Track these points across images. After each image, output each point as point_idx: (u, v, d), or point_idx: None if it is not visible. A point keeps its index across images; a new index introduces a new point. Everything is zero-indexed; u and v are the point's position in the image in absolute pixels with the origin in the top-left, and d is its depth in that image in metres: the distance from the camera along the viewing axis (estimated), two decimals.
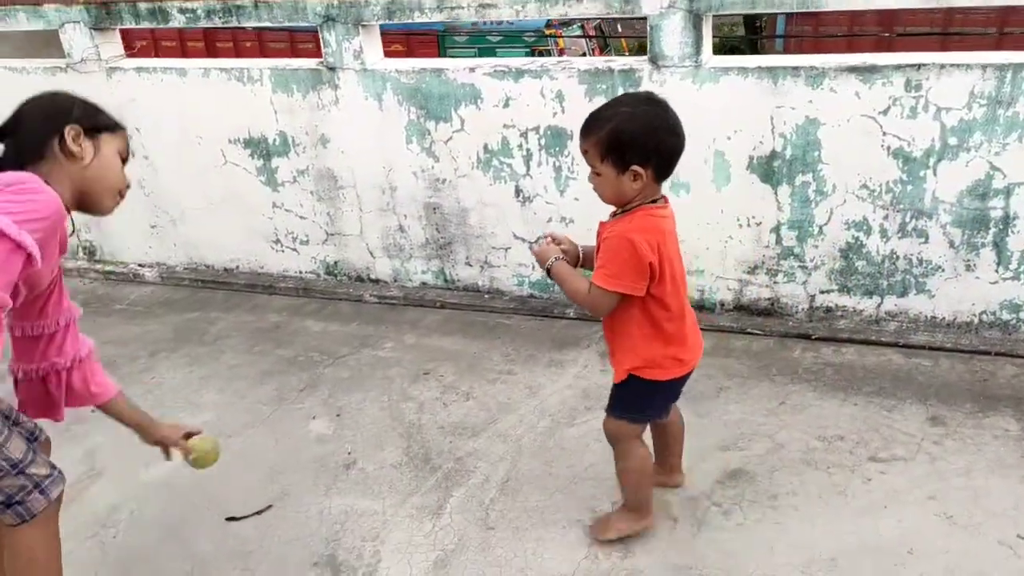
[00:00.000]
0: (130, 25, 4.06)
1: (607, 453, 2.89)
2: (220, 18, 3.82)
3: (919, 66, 2.98)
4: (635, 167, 2.08)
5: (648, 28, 3.25)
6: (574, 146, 3.52)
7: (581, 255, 2.38)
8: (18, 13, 4.25)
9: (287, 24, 3.72)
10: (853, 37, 9.46)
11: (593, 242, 2.32)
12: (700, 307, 3.64)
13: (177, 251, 4.59)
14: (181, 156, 4.26)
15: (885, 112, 3.07)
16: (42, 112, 2.00)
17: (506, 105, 3.55)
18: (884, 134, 3.10)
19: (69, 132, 1.97)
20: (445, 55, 11.57)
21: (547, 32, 12.08)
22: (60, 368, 2.23)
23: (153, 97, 4.15)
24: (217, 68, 3.99)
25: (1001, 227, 3.10)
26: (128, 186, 2.04)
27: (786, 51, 11.39)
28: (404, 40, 11.14)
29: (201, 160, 4.23)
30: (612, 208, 2.26)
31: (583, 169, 3.53)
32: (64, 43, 4.22)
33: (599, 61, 3.43)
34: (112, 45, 4.20)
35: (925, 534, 2.44)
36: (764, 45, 13.65)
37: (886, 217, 3.22)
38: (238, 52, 11.02)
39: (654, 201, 2.18)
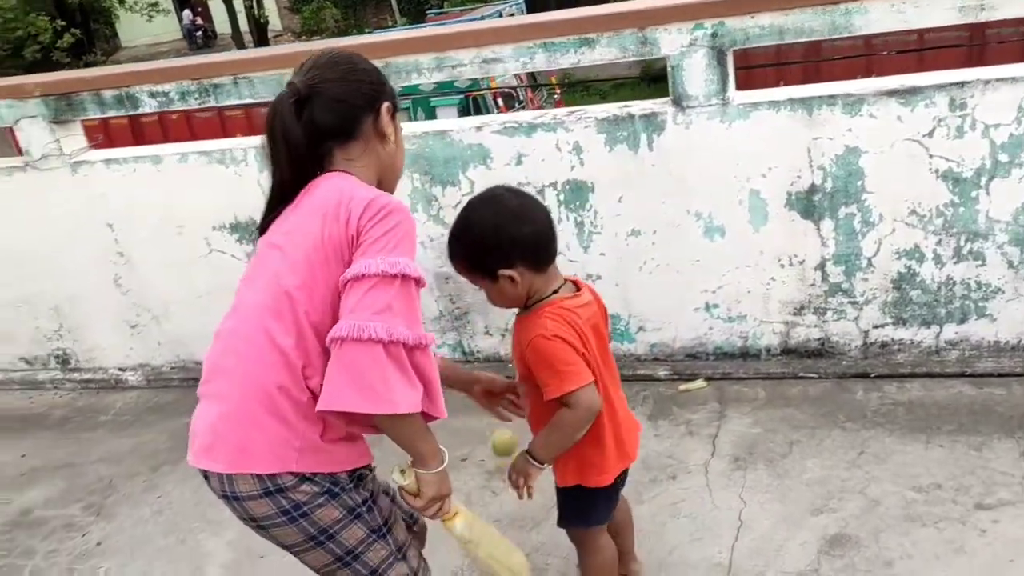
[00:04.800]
0: (95, 115, 3.75)
1: (689, 533, 2.66)
2: (196, 99, 3.53)
3: (962, 84, 2.84)
4: (501, 271, 1.93)
5: (669, 69, 3.07)
6: (596, 199, 3.31)
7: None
8: None
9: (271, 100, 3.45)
10: (785, 65, 9.45)
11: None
12: (744, 354, 3.43)
13: (162, 350, 4.23)
14: (160, 249, 3.93)
15: (930, 134, 2.92)
16: (356, 85, 1.74)
17: (519, 162, 3.33)
18: (931, 157, 2.95)
19: (387, 110, 1.77)
20: None
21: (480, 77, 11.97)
22: None
23: (125, 190, 3.82)
24: (196, 152, 3.68)
25: None
26: None
27: None
28: None
29: (183, 251, 3.90)
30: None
31: (608, 223, 3.35)
32: (21, 140, 3.88)
33: (616, 108, 3.22)
34: (75, 137, 3.88)
35: None
36: None
37: (939, 242, 3.06)
38: (223, 124, 10.55)
39: (556, 291, 2.01)
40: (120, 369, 4.33)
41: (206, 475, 1.70)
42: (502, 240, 1.92)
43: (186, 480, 3.40)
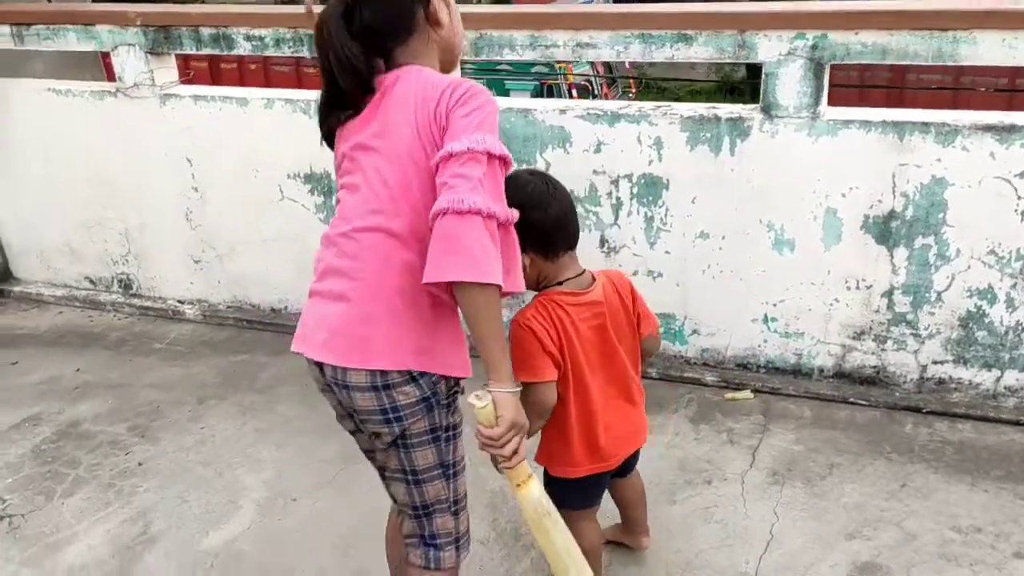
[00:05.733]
0: (190, 51, 3.83)
1: (719, 539, 2.66)
2: (290, 47, 3.59)
3: None
4: None
5: (763, 76, 3.04)
6: (669, 196, 3.30)
7: None
8: (68, 33, 4.01)
9: None
10: (867, 88, 9.28)
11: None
12: (796, 371, 3.40)
13: (221, 288, 4.33)
14: (234, 190, 4.01)
15: (1022, 175, 2.86)
16: None
17: (597, 150, 3.33)
18: (1019, 198, 2.88)
19: None
20: None
21: (557, 65, 11.86)
22: None
23: (209, 126, 3.91)
24: (281, 99, 3.75)
25: None
26: None
27: None
28: None
29: (256, 194, 3.98)
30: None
31: (677, 222, 3.34)
32: (116, 66, 3.98)
33: (703, 108, 3.21)
34: (167, 70, 3.97)
35: None
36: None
37: (1014, 286, 2.99)
38: (300, 80, 10.65)
39: (561, 283, 2.02)
40: (179, 301, 4.43)
41: (320, 366, 1.76)
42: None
43: (230, 417, 3.49)
